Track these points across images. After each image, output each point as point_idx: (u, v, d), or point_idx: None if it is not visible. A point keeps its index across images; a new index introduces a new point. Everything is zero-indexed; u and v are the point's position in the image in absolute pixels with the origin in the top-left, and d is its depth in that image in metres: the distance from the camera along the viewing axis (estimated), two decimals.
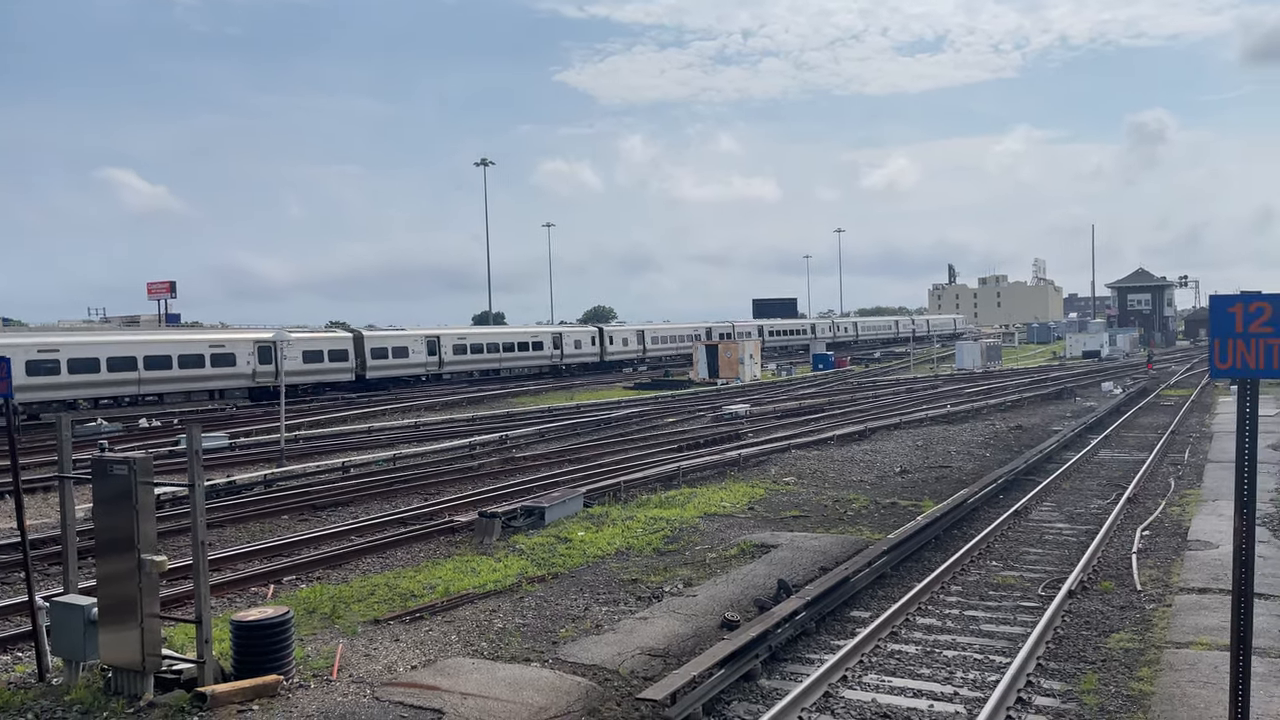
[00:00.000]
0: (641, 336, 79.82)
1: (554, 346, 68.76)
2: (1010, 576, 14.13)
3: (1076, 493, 20.95)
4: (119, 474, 9.27)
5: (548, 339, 68.57)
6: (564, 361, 69.51)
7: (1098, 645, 11.10)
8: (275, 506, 20.43)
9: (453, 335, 61.98)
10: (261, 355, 48.54)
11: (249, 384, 48.55)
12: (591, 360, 72.56)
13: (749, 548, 15.50)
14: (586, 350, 72.27)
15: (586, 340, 72.87)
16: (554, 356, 68.39)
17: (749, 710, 9.39)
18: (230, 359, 47.68)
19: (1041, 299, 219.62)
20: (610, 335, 75.88)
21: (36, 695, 9.41)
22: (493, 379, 62.32)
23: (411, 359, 57.91)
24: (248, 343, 48.65)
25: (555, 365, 68.53)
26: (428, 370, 59.13)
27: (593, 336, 73.81)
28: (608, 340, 74.89)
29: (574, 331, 73.52)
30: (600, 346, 73.67)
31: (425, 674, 9.87)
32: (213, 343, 48.23)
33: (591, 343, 73.17)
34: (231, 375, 47.79)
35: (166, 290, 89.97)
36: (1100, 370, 61.11)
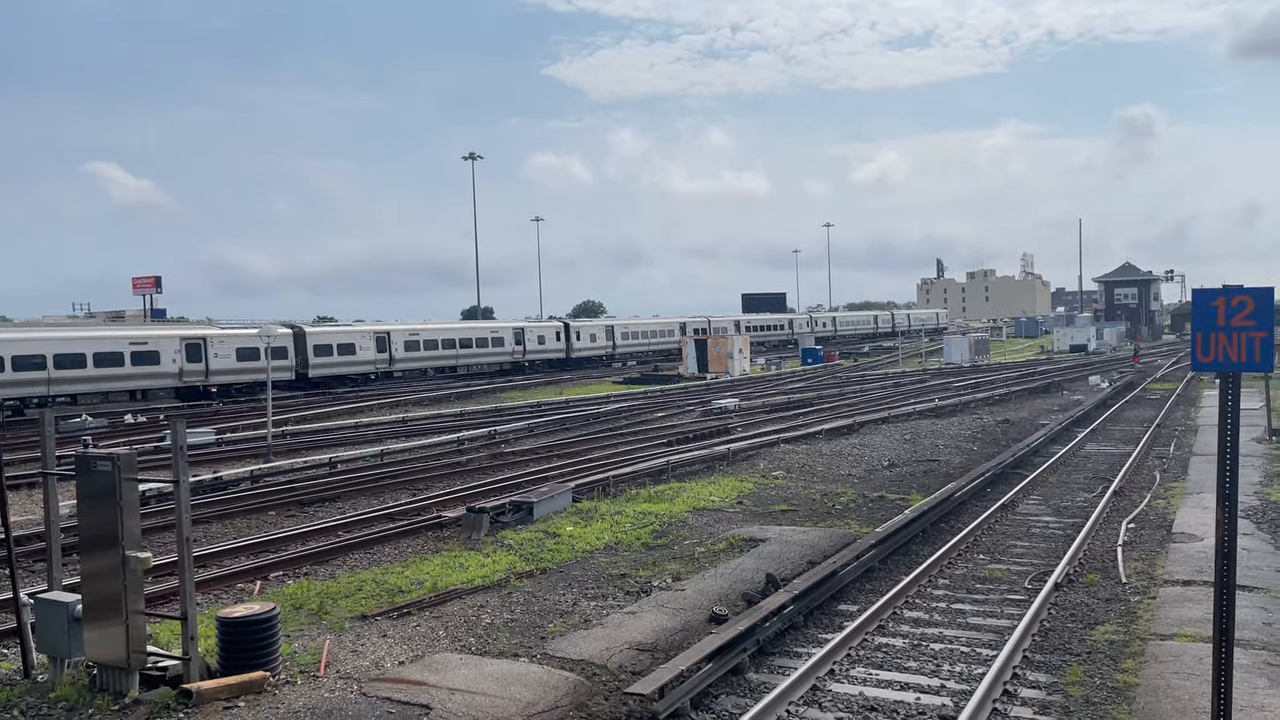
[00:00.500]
0: (611, 332, 76.92)
1: (515, 342, 66.03)
2: (997, 569, 14.19)
3: (1063, 486, 21.05)
4: (103, 470, 9.21)
5: (509, 335, 65.73)
6: (526, 358, 66.86)
7: (1083, 637, 11.16)
8: (262, 502, 20.35)
9: (404, 331, 59.17)
10: (190, 353, 45.96)
11: (175, 384, 45.59)
12: (556, 357, 69.73)
13: (737, 542, 15.52)
14: (551, 346, 69.36)
15: (551, 336, 69.81)
16: (515, 353, 65.80)
17: (737, 704, 9.40)
18: (154, 357, 44.69)
19: (1029, 293, 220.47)
20: (577, 331, 72.63)
21: (21, 692, 9.36)
22: (449, 377, 59.76)
23: (359, 356, 55.15)
24: (174, 339, 45.97)
25: (518, 362, 66.00)
26: (377, 368, 56.37)
27: (558, 332, 70.70)
28: (574, 336, 71.74)
29: (537, 327, 70.20)
30: (566, 343, 70.71)
31: (413, 670, 9.86)
32: (134, 339, 44.97)
33: (557, 338, 70.14)
34: (155, 374, 44.74)
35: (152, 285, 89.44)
36: (1087, 364, 61.40)
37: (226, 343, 47.70)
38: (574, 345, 71.30)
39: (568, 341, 70.79)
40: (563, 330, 71.26)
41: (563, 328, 71.48)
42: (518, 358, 66.03)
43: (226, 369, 47.52)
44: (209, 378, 46.89)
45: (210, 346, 47.02)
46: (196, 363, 46.27)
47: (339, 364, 54.23)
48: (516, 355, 65.99)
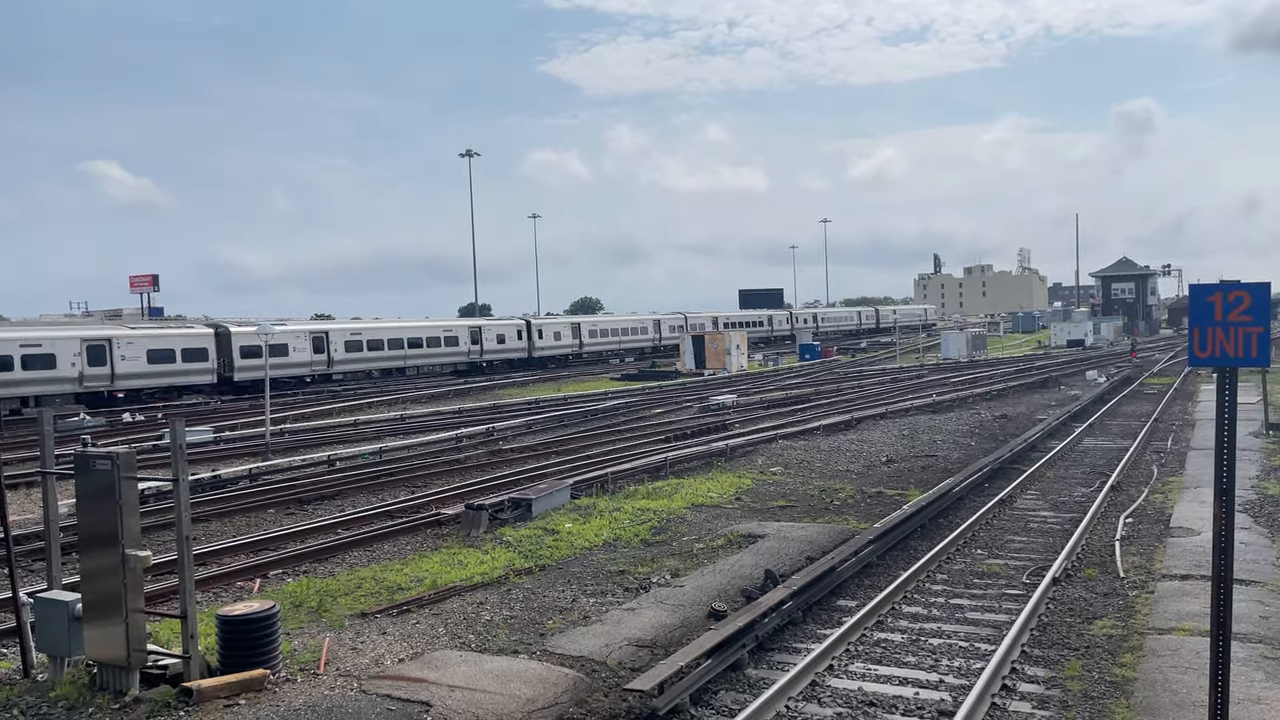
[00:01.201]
0: (577, 330, 73.15)
1: (471, 341, 62.10)
2: (995, 564, 14.23)
3: (1061, 481, 21.09)
4: (102, 469, 9.21)
5: (464, 333, 61.65)
6: (484, 358, 63.10)
7: (1081, 632, 11.19)
8: (261, 500, 20.35)
9: (344, 330, 55.36)
10: (92, 355, 42.20)
11: (75, 389, 41.78)
12: (518, 356, 65.94)
13: (736, 538, 15.54)
14: (512, 346, 65.54)
15: (512, 334, 65.91)
16: (472, 353, 61.91)
17: (736, 700, 9.43)
18: (49, 360, 40.86)
19: (1026, 288, 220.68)
20: (539, 329, 68.93)
21: (21, 691, 9.36)
22: (397, 380, 55.57)
23: (293, 358, 50.66)
24: (73, 340, 41.98)
25: (474, 363, 62.20)
26: (314, 370, 52.06)
27: (519, 330, 66.87)
28: (536, 334, 67.96)
29: (496, 325, 66.42)
30: (529, 341, 66.99)
31: (413, 667, 9.87)
32: (26, 341, 40.97)
33: (519, 337, 66.35)
34: (51, 379, 40.94)
35: (149, 284, 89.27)
36: (1084, 359, 61.48)
37: (136, 344, 44.19)
38: (537, 344, 67.68)
39: (530, 340, 67.26)
40: (524, 329, 67.50)
41: (524, 325, 67.78)
42: (474, 358, 62.49)
43: (135, 372, 43.82)
44: (115, 382, 43.19)
45: (116, 348, 43.28)
46: (100, 366, 42.56)
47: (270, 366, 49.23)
48: (473, 355, 62.40)
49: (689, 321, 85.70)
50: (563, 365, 68.93)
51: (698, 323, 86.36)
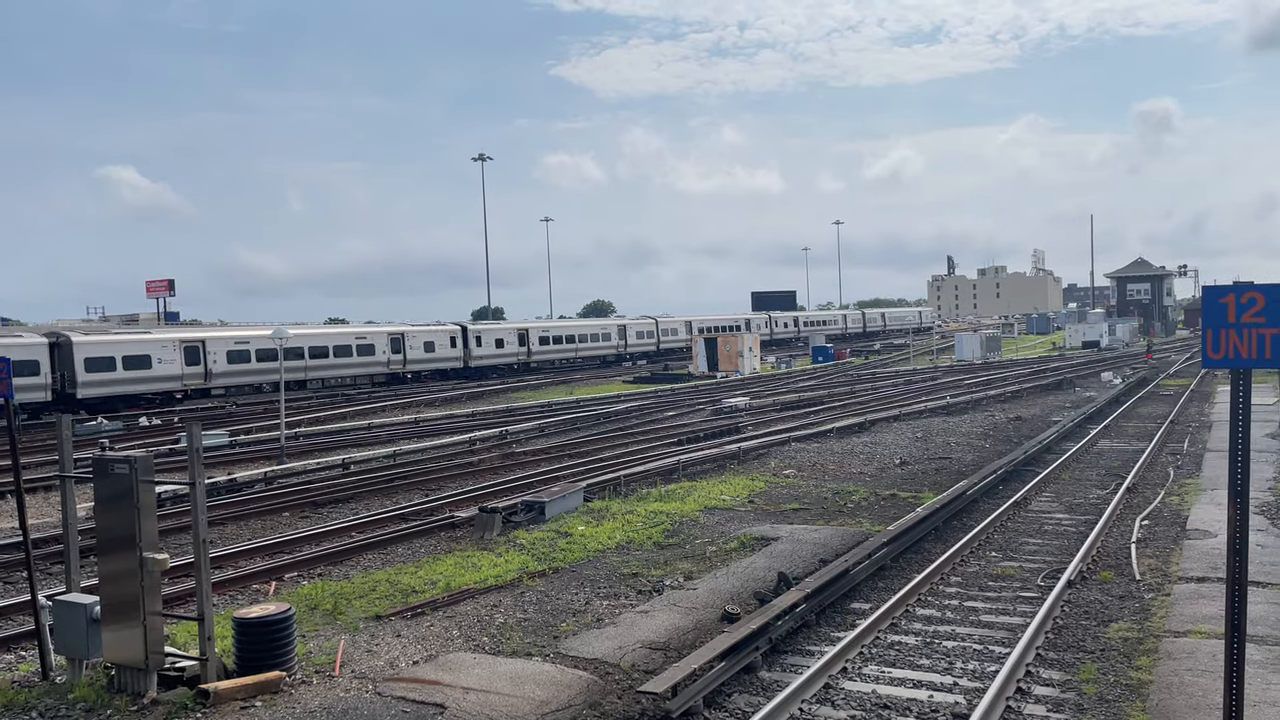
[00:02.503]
0: (524, 337, 65.94)
1: (393, 350, 55.81)
2: (1010, 567, 14.18)
3: (1076, 483, 20.99)
4: (120, 473, 9.30)
5: (381, 341, 54.74)
6: (407, 369, 56.57)
7: (1097, 635, 11.15)
8: (276, 504, 20.47)
9: (226, 339, 48.22)
10: None
11: None
12: (450, 367, 59.47)
13: (749, 541, 15.54)
14: (444, 354, 59.13)
15: (443, 341, 59.40)
16: (392, 363, 55.61)
17: (750, 702, 9.43)
18: None
19: (1040, 289, 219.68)
20: (478, 336, 62.22)
21: (40, 693, 9.46)
22: (296, 394, 48.65)
23: (158, 370, 44.31)
24: None
25: (395, 374, 55.82)
26: (187, 385, 45.56)
27: (453, 337, 60.23)
28: (474, 341, 61.47)
29: (424, 331, 59.29)
30: (464, 349, 60.65)
31: (427, 669, 9.92)
32: None
33: (452, 344, 59.87)
34: None
35: (165, 288, 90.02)
36: (1100, 360, 61.15)
37: None
38: (474, 352, 61.35)
39: (466, 348, 60.90)
40: (459, 335, 60.96)
41: (459, 332, 61.21)
42: (395, 368, 56.03)
43: None
44: None
45: None
46: None
47: (127, 380, 43.37)
48: (394, 366, 55.90)
49: (660, 325, 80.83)
50: (508, 376, 62.15)
51: (669, 327, 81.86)
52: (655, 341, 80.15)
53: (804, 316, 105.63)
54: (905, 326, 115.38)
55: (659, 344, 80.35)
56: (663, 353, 79.10)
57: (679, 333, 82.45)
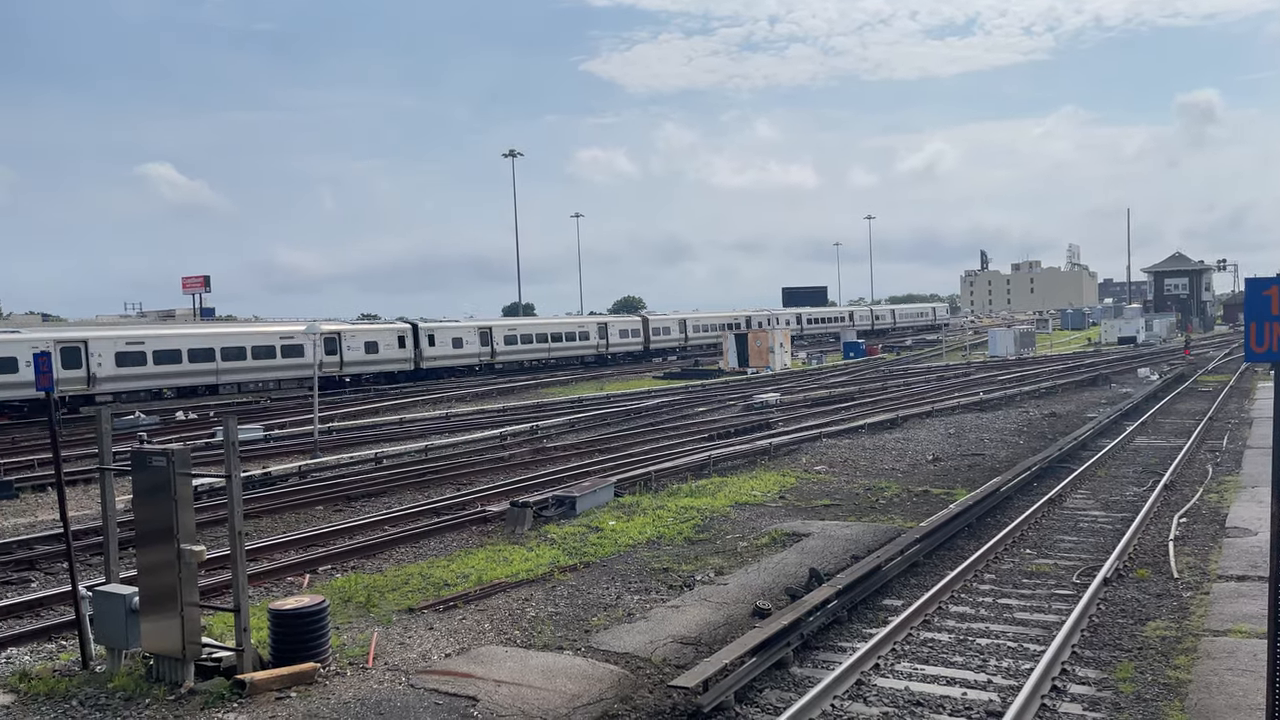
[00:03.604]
0: (487, 336, 60.41)
1: (327, 351, 49.64)
2: (1045, 564, 14.01)
3: (1112, 480, 20.70)
4: (158, 466, 9.44)
5: (313, 344, 45.57)
6: (345, 372, 51.68)
7: (1134, 633, 10.99)
8: (310, 497, 20.68)
9: (114, 340, 42.72)
10: None
11: None
12: (398, 369, 54.29)
13: (780, 536, 15.49)
14: (389, 356, 53.64)
15: (389, 342, 53.89)
16: (326, 365, 49.49)
17: (781, 698, 9.39)
18: None
19: (1076, 284, 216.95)
20: (431, 335, 56.73)
21: (80, 683, 9.62)
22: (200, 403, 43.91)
23: (26, 374, 37.71)
24: None
25: (331, 378, 50.34)
26: (63, 391, 40.04)
27: (401, 336, 54.84)
28: (426, 341, 56.33)
29: (364, 330, 54.12)
30: (414, 350, 55.62)
31: (459, 662, 9.97)
32: None
33: (400, 345, 54.67)
34: None
35: (201, 285, 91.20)
36: (1136, 356, 60.26)
37: None
38: (426, 353, 56.25)
39: (417, 348, 55.80)
40: (409, 334, 55.80)
41: (409, 331, 55.94)
42: (330, 371, 50.06)
43: None
44: None
45: None
46: None
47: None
48: (328, 368, 49.78)
49: (649, 325, 75.13)
50: (466, 377, 57.50)
51: (660, 326, 76.20)
52: (642, 341, 74.07)
53: (808, 313, 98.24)
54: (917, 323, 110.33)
55: (647, 343, 74.39)
56: (651, 353, 74.01)
57: (671, 331, 76.97)
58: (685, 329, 78.32)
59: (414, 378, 55.04)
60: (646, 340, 74.31)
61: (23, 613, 12.95)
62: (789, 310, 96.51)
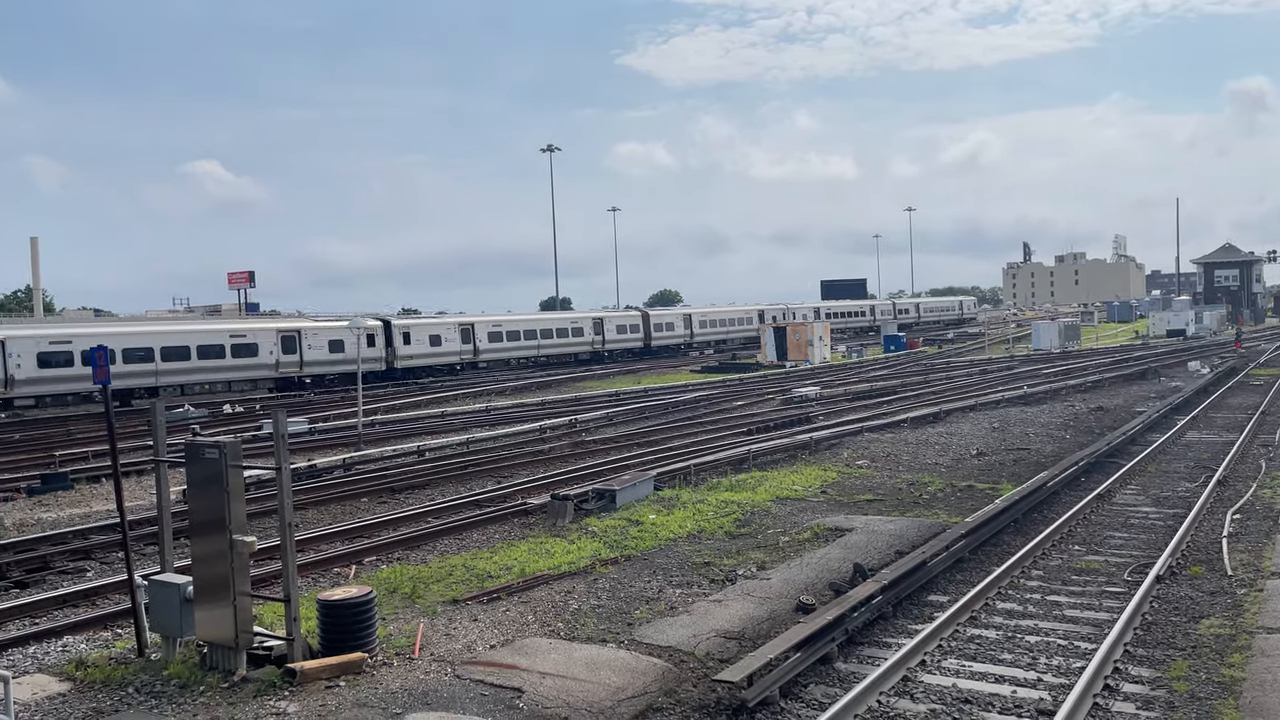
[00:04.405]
0: (469, 332, 55.87)
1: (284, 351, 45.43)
2: (1094, 561, 13.79)
3: (1163, 476, 20.33)
4: (210, 458, 9.60)
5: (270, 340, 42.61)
6: (305, 372, 47.00)
7: (1187, 631, 10.80)
8: (355, 489, 20.93)
9: (36, 339, 39.07)
10: None
11: None
12: (368, 369, 47.73)
13: (822, 531, 15.40)
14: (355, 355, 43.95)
15: (266, 344, 46.09)
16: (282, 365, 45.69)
17: (827, 693, 9.34)
18: None
19: (1122, 276, 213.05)
20: (406, 332, 52.54)
21: (136, 670, 9.83)
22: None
23: None
24: None
25: (289, 378, 46.94)
26: None
27: (371, 334, 49.61)
28: (401, 339, 51.85)
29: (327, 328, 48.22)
30: (387, 348, 51.03)
31: (504, 653, 10.04)
32: None
33: (370, 343, 49.33)
34: None
35: (246, 280, 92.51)
36: (1185, 349, 59.07)
37: None
38: (401, 351, 51.92)
39: (390, 347, 51.46)
40: (382, 331, 51.39)
41: (381, 328, 51.50)
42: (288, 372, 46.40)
43: None
44: None
45: None
46: None
47: None
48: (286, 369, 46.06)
49: (650, 321, 71.31)
50: (447, 376, 53.44)
51: (663, 322, 72.19)
52: (643, 337, 70.13)
53: (826, 307, 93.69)
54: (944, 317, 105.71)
55: (648, 340, 70.44)
56: (652, 350, 70.00)
57: (674, 327, 73.00)
58: (690, 324, 74.46)
59: (386, 378, 50.46)
60: (647, 336, 70.69)
61: (79, 601, 13.25)
62: (806, 304, 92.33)
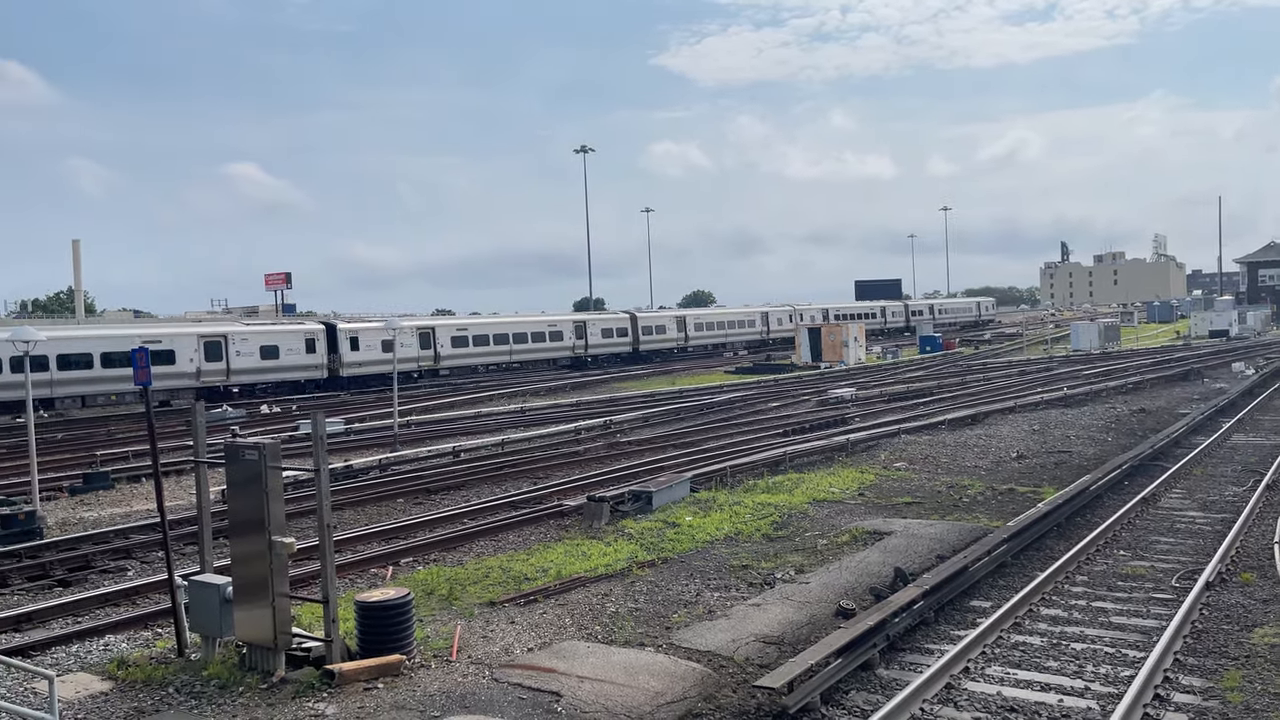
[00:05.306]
0: (430, 337, 51.19)
1: (207, 358, 41.80)
2: (1140, 567, 13.49)
3: (1209, 479, 19.88)
4: (250, 459, 9.64)
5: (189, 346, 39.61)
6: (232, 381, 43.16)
7: (1240, 640, 10.51)
8: (390, 490, 21.01)
9: None
10: None
11: None
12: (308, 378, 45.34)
13: (861, 534, 15.21)
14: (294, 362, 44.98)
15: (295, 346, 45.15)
16: (204, 374, 41.82)
17: (868, 700, 9.19)
18: None
19: (1162, 276, 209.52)
20: (353, 337, 47.63)
21: (176, 670, 9.89)
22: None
23: None
24: None
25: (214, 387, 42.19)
26: None
27: (310, 339, 45.97)
28: (347, 344, 47.35)
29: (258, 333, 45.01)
30: (329, 355, 46.60)
31: (542, 656, 9.99)
32: None
33: (309, 349, 45.86)
34: None
35: (283, 281, 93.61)
36: (1229, 350, 57.90)
37: None
38: (347, 358, 47.29)
39: (334, 352, 46.89)
40: (324, 335, 46.84)
41: (323, 333, 47.10)
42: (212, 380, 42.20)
43: None
44: None
45: None
46: None
47: None
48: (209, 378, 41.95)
49: (638, 323, 66.04)
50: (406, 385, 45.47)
51: (652, 324, 67.15)
52: (631, 341, 64.82)
53: (835, 309, 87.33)
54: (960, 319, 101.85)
55: (637, 344, 65.16)
56: (641, 356, 64.59)
57: (667, 330, 68.27)
58: (685, 327, 69.69)
59: (329, 388, 46.21)
60: (636, 341, 65.40)
61: (120, 600, 13.38)
62: (814, 306, 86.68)
